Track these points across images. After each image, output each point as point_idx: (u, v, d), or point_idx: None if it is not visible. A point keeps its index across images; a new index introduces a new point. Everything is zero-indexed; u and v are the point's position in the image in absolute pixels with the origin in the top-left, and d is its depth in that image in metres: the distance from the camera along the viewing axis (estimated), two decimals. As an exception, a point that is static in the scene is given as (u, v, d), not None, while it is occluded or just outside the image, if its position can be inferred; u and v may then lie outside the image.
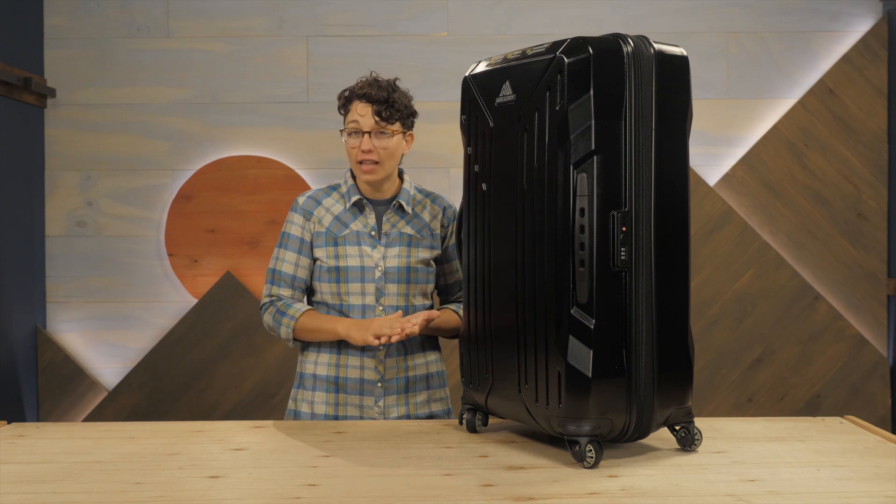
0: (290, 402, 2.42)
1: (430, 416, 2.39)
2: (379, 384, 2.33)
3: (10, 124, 3.59)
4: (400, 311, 2.25)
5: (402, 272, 2.33)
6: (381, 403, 2.33)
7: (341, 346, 2.33)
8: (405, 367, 2.35)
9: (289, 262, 2.36)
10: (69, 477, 1.76)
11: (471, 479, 1.72)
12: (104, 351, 3.86)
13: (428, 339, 2.42)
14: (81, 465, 1.84)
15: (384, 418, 2.33)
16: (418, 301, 2.37)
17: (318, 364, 2.36)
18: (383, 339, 2.18)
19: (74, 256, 3.86)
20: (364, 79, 2.35)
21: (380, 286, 2.31)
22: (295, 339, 2.35)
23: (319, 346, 2.36)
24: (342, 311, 2.33)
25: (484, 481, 1.70)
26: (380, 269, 2.32)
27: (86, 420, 3.80)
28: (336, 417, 2.33)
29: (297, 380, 2.41)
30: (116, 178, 3.86)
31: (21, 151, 3.69)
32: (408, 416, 2.36)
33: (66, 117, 3.86)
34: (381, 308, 2.32)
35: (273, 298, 2.36)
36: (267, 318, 2.36)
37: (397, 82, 2.36)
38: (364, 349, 2.32)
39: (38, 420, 3.80)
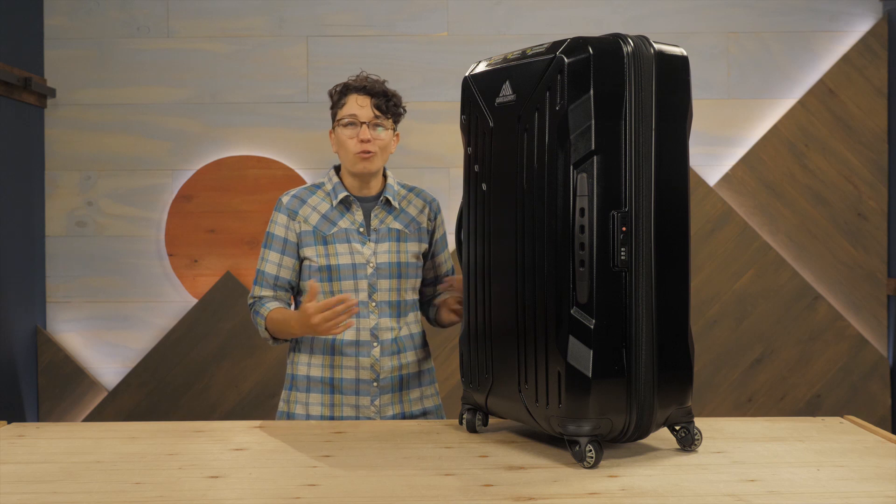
0: (282, 403, 2.42)
1: (424, 413, 2.41)
2: (375, 384, 2.33)
3: (10, 124, 3.59)
4: (310, 292, 2.18)
5: (394, 267, 2.34)
6: (376, 403, 2.33)
7: (335, 347, 2.33)
8: (399, 366, 2.36)
9: (272, 262, 2.37)
10: (69, 477, 1.76)
11: (471, 479, 1.72)
12: (104, 351, 3.86)
13: (419, 336, 2.43)
14: (81, 465, 1.84)
15: (380, 417, 2.33)
16: (409, 296, 2.39)
17: (311, 365, 2.36)
18: (337, 328, 2.14)
19: (74, 256, 3.86)
20: (357, 76, 2.38)
21: (372, 282, 2.32)
22: (275, 339, 2.38)
23: (312, 347, 2.36)
24: None
25: (484, 481, 1.70)
26: (371, 265, 2.32)
27: (86, 420, 3.80)
28: (332, 418, 2.33)
29: (289, 381, 2.40)
30: (116, 178, 3.86)
31: (21, 151, 3.69)
32: (402, 414, 2.37)
33: (66, 117, 3.86)
34: (374, 304, 2.32)
35: (255, 300, 2.40)
36: (251, 317, 2.41)
37: (386, 83, 2.39)
38: (358, 351, 2.32)
39: (38, 420, 3.81)
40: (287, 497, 1.62)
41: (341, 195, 2.35)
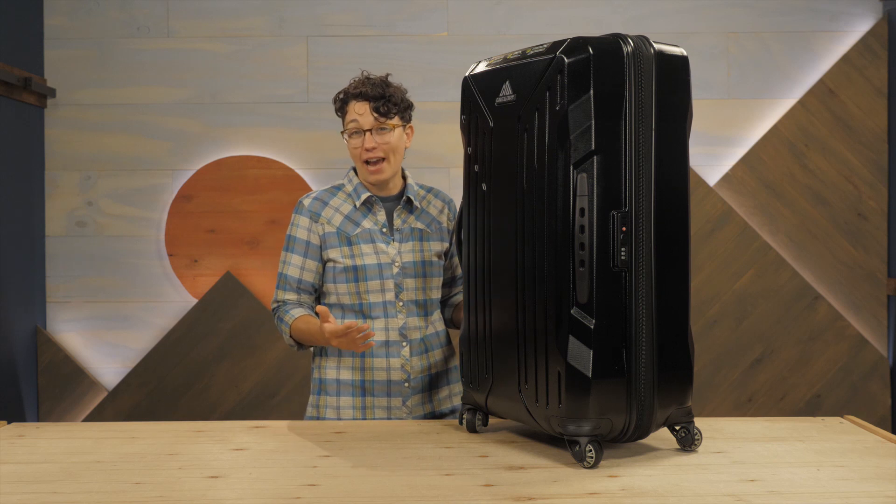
0: (311, 408, 2.39)
1: (453, 411, 2.40)
2: (406, 384, 2.32)
3: (10, 124, 3.59)
4: (322, 316, 2.16)
5: (419, 266, 2.34)
6: (408, 403, 2.32)
7: None
8: (428, 366, 2.35)
9: (294, 265, 2.35)
10: (69, 477, 1.76)
11: (471, 479, 1.72)
12: (104, 351, 3.86)
13: (444, 334, 2.42)
14: (81, 465, 1.84)
15: (412, 417, 2.32)
16: (434, 294, 2.38)
17: (340, 369, 2.34)
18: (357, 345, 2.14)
19: (74, 256, 3.86)
20: (356, 79, 2.35)
21: (398, 282, 2.31)
22: (300, 345, 2.36)
23: (340, 350, 2.34)
24: (361, 311, 2.31)
25: (484, 481, 1.70)
26: (397, 264, 2.32)
27: (86, 420, 3.80)
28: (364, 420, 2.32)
29: (318, 386, 2.38)
30: (116, 178, 3.86)
31: (21, 151, 3.69)
32: (433, 413, 2.36)
33: (66, 117, 3.86)
34: (401, 303, 2.31)
35: (279, 304, 2.38)
36: (275, 323, 2.39)
37: (389, 77, 2.36)
38: (388, 351, 2.31)
39: (38, 420, 3.80)
40: (287, 497, 1.62)
41: (364, 196, 2.34)
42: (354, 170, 2.40)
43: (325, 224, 2.34)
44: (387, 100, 2.30)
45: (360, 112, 2.29)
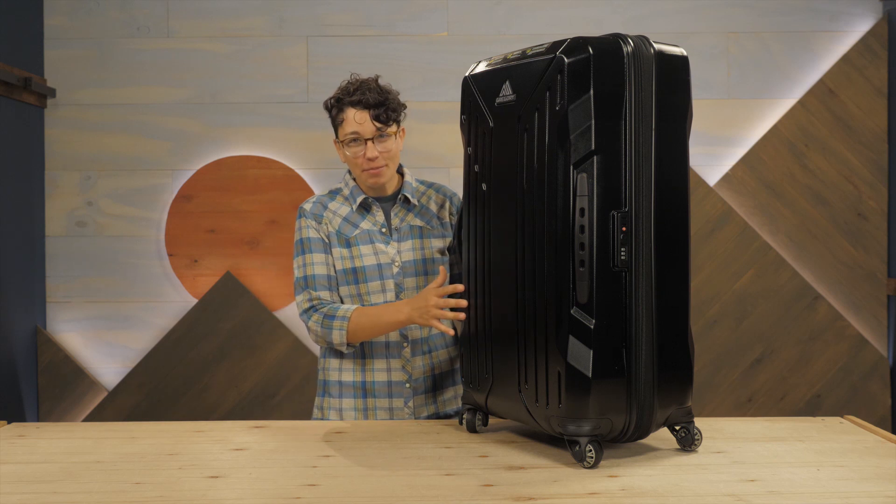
0: (316, 410, 2.39)
1: (458, 412, 2.38)
2: (407, 384, 2.31)
3: (10, 124, 3.59)
4: (441, 276, 2.16)
5: (419, 264, 2.32)
6: (410, 404, 2.31)
7: (365, 350, 2.31)
8: (431, 366, 2.34)
9: (319, 263, 2.30)
10: (69, 477, 1.76)
11: (471, 479, 1.72)
12: (104, 351, 3.86)
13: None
14: (81, 465, 1.84)
15: (415, 418, 2.31)
16: None
17: (342, 370, 2.33)
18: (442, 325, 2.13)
19: (74, 256, 3.86)
20: (347, 83, 2.30)
21: (398, 281, 2.30)
22: (349, 344, 2.25)
23: (343, 353, 2.33)
24: None
25: (484, 481, 1.70)
26: (396, 264, 2.31)
27: (86, 420, 3.80)
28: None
29: (322, 388, 2.38)
30: (116, 178, 3.86)
31: (21, 151, 3.69)
32: (437, 414, 2.34)
33: (66, 117, 3.86)
34: None
35: (315, 302, 2.27)
36: (314, 325, 2.25)
37: (379, 80, 2.33)
38: (388, 352, 2.30)
39: (38, 420, 3.80)
40: (287, 497, 1.62)
41: (360, 198, 2.33)
42: (349, 172, 2.40)
43: (328, 224, 2.34)
44: (386, 107, 2.25)
45: (360, 121, 2.25)
